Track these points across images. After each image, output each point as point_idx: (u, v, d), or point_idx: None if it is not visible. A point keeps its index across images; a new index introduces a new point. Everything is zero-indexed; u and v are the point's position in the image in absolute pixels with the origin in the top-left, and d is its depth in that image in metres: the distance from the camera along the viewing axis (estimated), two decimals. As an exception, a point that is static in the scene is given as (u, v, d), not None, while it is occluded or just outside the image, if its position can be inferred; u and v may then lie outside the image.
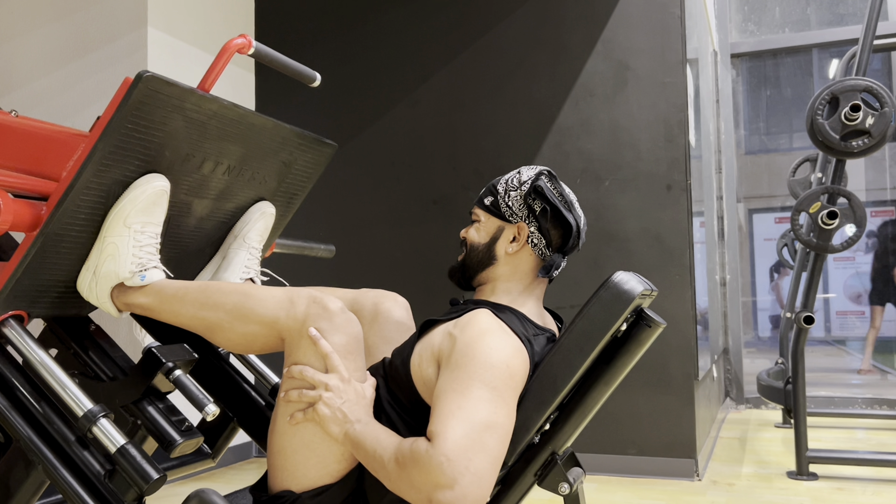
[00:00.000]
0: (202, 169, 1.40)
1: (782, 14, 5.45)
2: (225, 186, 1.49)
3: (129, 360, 1.47)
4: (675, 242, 2.99)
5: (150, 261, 1.33)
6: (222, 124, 1.37)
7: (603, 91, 3.15)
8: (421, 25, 3.46)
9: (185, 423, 1.35)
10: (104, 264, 1.30)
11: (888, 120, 2.94)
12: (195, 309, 1.30)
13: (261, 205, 1.60)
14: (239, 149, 1.44)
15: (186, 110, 1.28)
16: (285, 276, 3.56)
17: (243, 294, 1.29)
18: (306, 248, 2.03)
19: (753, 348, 6.56)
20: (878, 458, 2.97)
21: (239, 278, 1.56)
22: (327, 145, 1.66)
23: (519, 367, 1.18)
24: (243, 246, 1.57)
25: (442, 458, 1.06)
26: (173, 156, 1.33)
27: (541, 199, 1.35)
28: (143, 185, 1.29)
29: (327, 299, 1.23)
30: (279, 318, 1.23)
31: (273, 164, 1.56)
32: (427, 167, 3.40)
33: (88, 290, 1.34)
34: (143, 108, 1.21)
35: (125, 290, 1.33)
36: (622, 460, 3.01)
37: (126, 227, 1.29)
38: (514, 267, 1.36)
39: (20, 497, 1.26)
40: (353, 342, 1.23)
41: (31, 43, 3.12)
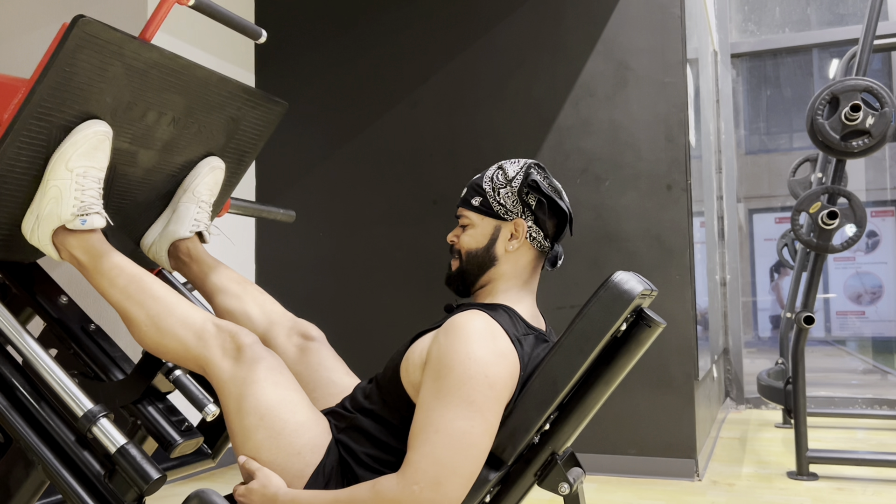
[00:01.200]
0: (145, 118, 1.41)
1: (782, 14, 5.45)
2: (171, 138, 1.49)
3: (129, 360, 1.47)
4: (675, 242, 2.99)
5: (93, 206, 1.34)
6: (164, 74, 1.37)
7: (603, 91, 3.15)
8: (421, 25, 3.46)
9: (185, 423, 1.35)
10: (46, 206, 1.32)
11: (888, 120, 2.94)
12: (121, 297, 1.32)
13: (210, 159, 1.61)
14: (183, 100, 1.45)
15: (126, 57, 1.29)
16: (286, 276, 3.57)
17: (167, 306, 1.31)
18: (264, 211, 2.01)
19: (753, 348, 6.56)
20: (878, 458, 2.97)
21: (189, 231, 1.58)
22: (277, 103, 1.65)
23: (501, 374, 1.17)
24: (192, 199, 1.59)
25: (414, 486, 1.11)
26: (115, 103, 1.34)
27: (536, 193, 1.34)
28: (84, 129, 1.31)
29: (240, 334, 1.28)
30: (191, 346, 1.29)
31: (220, 119, 1.56)
32: (427, 167, 3.40)
33: (31, 233, 1.35)
34: (80, 53, 1.22)
35: (66, 233, 1.34)
36: (622, 460, 3.01)
37: (68, 171, 1.31)
38: (515, 264, 1.36)
39: (20, 497, 1.26)
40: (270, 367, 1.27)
41: (31, 43, 3.12)
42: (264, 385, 1.24)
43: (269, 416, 1.22)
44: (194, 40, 3.19)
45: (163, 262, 1.61)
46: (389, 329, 3.36)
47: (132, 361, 1.47)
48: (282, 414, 1.23)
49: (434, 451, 1.12)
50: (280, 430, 1.22)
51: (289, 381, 1.28)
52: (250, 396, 1.23)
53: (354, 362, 1.66)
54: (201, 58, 3.21)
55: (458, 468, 1.12)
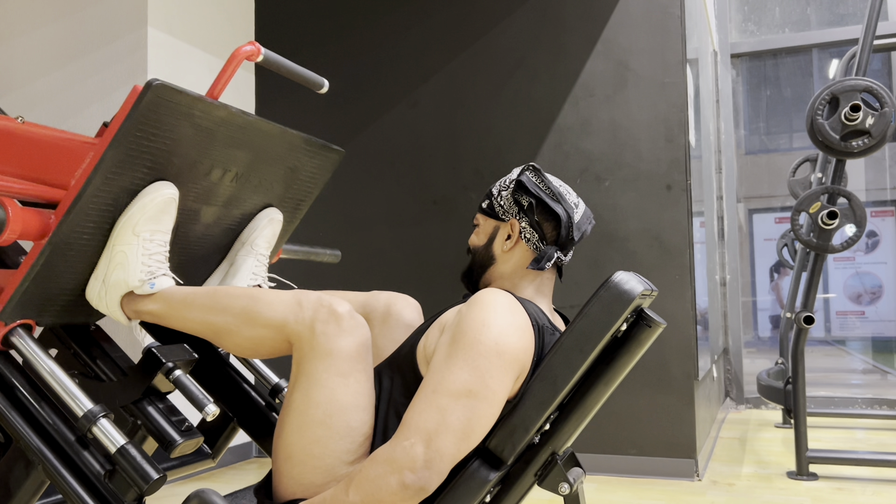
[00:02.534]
0: (210, 176, 1.40)
1: (782, 14, 5.45)
2: (232, 193, 1.48)
3: (129, 360, 1.47)
4: (675, 242, 2.99)
5: (160, 269, 1.33)
6: (230, 131, 1.37)
7: (603, 91, 3.15)
8: (421, 26, 3.46)
9: (185, 423, 1.35)
10: (113, 273, 1.30)
11: (888, 120, 2.94)
12: (203, 314, 1.30)
13: (268, 211, 1.60)
14: (246, 155, 1.44)
15: (195, 118, 1.28)
16: (288, 277, 3.56)
17: (251, 298, 1.28)
18: (312, 254, 2.04)
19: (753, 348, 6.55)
20: (878, 458, 2.97)
21: (247, 285, 1.55)
22: (334, 151, 1.65)
23: (513, 345, 1.17)
24: (251, 252, 1.57)
25: (405, 442, 1.11)
26: (181, 163, 1.32)
27: (526, 194, 1.36)
28: (151, 192, 1.29)
29: (335, 302, 1.22)
30: (287, 321, 1.23)
31: (280, 171, 1.55)
32: (427, 167, 3.40)
33: (98, 299, 1.33)
34: (152, 116, 1.21)
35: (135, 298, 1.33)
36: (622, 460, 3.01)
37: (135, 236, 1.29)
38: (512, 264, 1.38)
39: (20, 497, 1.26)
40: (360, 346, 1.23)
41: (31, 43, 3.12)
42: (344, 382, 1.20)
43: (337, 416, 1.19)
44: (194, 40, 3.19)
45: None
46: (389, 329, 3.36)
47: (132, 361, 1.47)
48: (350, 420, 1.20)
49: (428, 409, 1.13)
50: (343, 436, 1.19)
51: (367, 381, 1.23)
52: (326, 388, 1.19)
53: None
54: (202, 58, 3.21)
55: (451, 425, 1.11)
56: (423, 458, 1.10)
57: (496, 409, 1.17)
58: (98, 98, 2.98)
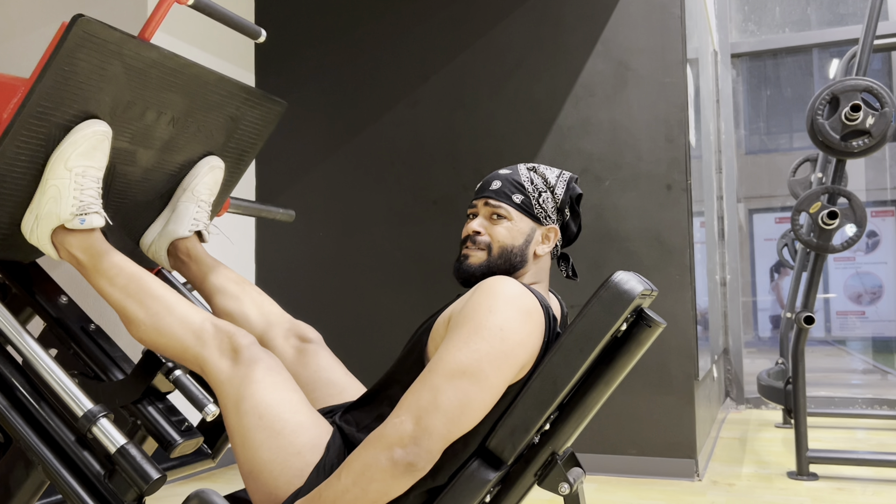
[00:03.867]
0: (145, 118, 1.41)
1: (782, 14, 5.45)
2: (170, 137, 1.49)
3: (129, 360, 1.47)
4: (675, 242, 2.99)
5: (92, 205, 1.34)
6: (163, 73, 1.37)
7: (603, 91, 3.15)
8: (421, 25, 3.46)
9: (185, 423, 1.35)
10: (46, 206, 1.33)
11: (888, 120, 2.94)
12: (120, 295, 1.33)
13: (209, 159, 1.61)
14: (182, 99, 1.45)
15: (125, 56, 1.29)
16: (286, 276, 3.57)
17: (166, 305, 1.32)
18: (263, 211, 2.01)
19: (753, 348, 6.56)
20: (878, 458, 2.97)
21: (188, 231, 1.58)
22: (276, 102, 1.65)
23: (518, 332, 1.17)
24: (192, 199, 1.59)
25: (396, 419, 1.12)
26: (114, 103, 1.34)
27: (575, 205, 1.39)
28: (83, 129, 1.31)
29: (238, 336, 1.28)
30: (189, 346, 1.29)
31: (220, 119, 1.56)
32: (427, 167, 3.40)
33: (31, 232, 1.36)
34: (79, 52, 1.22)
35: (65, 233, 1.35)
36: (622, 460, 3.01)
37: (67, 170, 1.31)
38: (538, 269, 1.38)
39: (20, 497, 1.26)
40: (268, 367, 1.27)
41: (31, 43, 3.12)
42: (262, 385, 1.24)
43: (268, 415, 1.22)
44: (194, 40, 3.19)
45: (162, 261, 1.61)
46: (389, 329, 3.36)
47: (132, 361, 1.47)
48: (281, 414, 1.23)
49: (422, 389, 1.13)
50: (280, 430, 1.22)
51: (286, 382, 1.28)
52: (248, 397, 1.23)
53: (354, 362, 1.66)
54: (201, 58, 3.21)
55: (442, 405, 1.11)
56: (411, 433, 1.10)
57: (491, 396, 1.15)
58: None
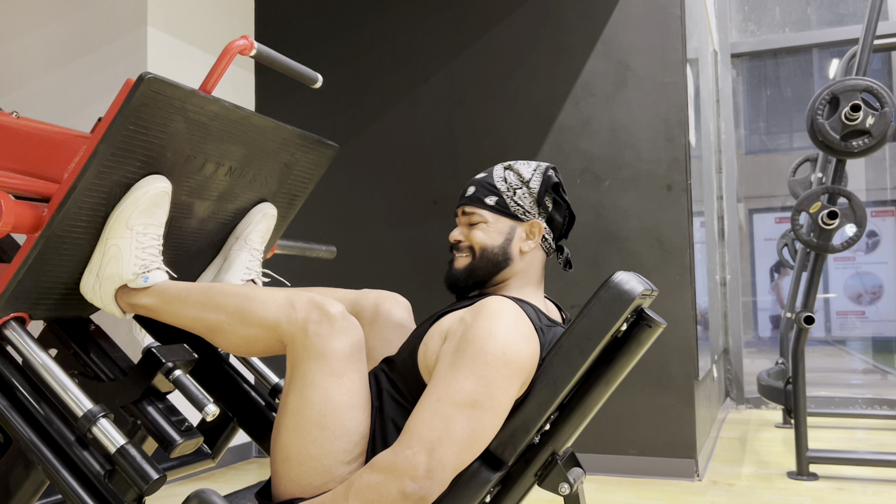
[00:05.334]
0: (203, 170, 1.40)
1: (782, 14, 5.45)
2: (226, 188, 1.48)
3: (129, 360, 1.47)
4: (675, 242, 2.99)
5: (153, 262, 1.33)
6: (224, 126, 1.36)
7: (603, 91, 3.15)
8: (421, 25, 3.46)
9: (185, 423, 1.35)
10: (107, 266, 1.30)
11: (888, 120, 2.94)
12: (197, 310, 1.30)
13: (262, 206, 1.60)
14: (240, 150, 1.44)
15: (188, 112, 1.28)
16: (286, 276, 3.56)
17: (244, 297, 1.29)
18: (307, 250, 2.03)
19: (753, 348, 6.56)
20: (878, 458, 2.97)
21: (240, 280, 1.56)
22: (328, 146, 1.66)
23: (520, 354, 1.17)
24: (245, 247, 1.57)
25: (408, 451, 1.10)
26: (175, 157, 1.32)
27: (556, 195, 1.37)
28: (144, 186, 1.29)
29: (328, 303, 1.22)
30: (280, 322, 1.23)
31: (274, 166, 1.55)
32: (427, 167, 3.40)
33: (92, 293, 1.34)
34: (144, 110, 1.21)
35: (129, 291, 1.33)
36: (622, 460, 3.01)
37: (128, 229, 1.29)
38: (528, 264, 1.38)
39: (20, 497, 1.26)
40: (353, 346, 1.22)
41: (31, 43, 3.12)
42: (338, 382, 1.20)
43: (332, 415, 1.19)
44: (195, 40, 3.19)
45: None
46: (389, 329, 3.35)
47: (132, 361, 1.46)
48: (346, 421, 1.19)
49: (432, 418, 1.12)
50: (338, 436, 1.19)
51: (361, 380, 1.23)
52: (320, 388, 1.19)
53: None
54: (201, 58, 3.21)
55: (455, 435, 1.11)
56: (425, 467, 1.09)
57: (500, 420, 1.16)
58: (98, 98, 2.98)
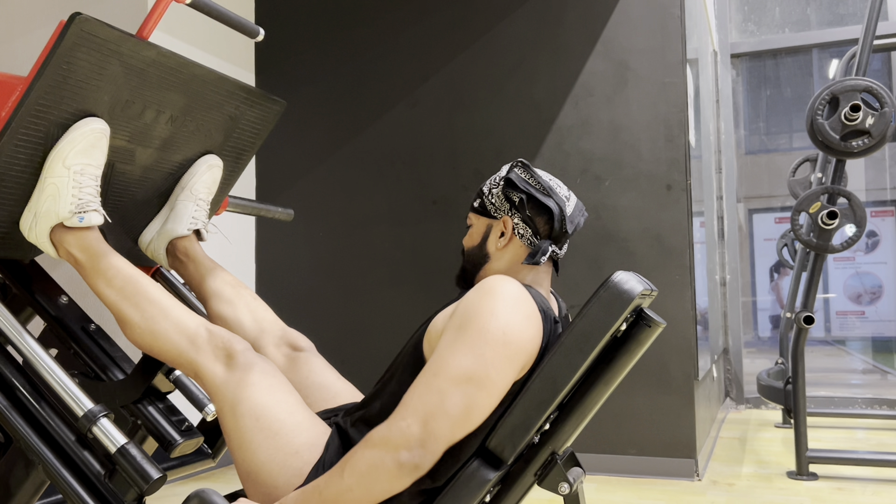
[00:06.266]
0: (143, 116, 1.41)
1: (782, 14, 5.45)
2: (169, 136, 1.49)
3: (129, 360, 1.47)
4: (675, 242, 2.99)
5: (90, 203, 1.34)
6: (162, 72, 1.37)
7: (603, 91, 3.15)
8: (421, 25, 3.46)
9: (185, 423, 1.35)
10: (44, 204, 1.33)
11: (888, 120, 2.94)
12: (117, 297, 1.33)
13: (207, 157, 1.61)
14: (181, 98, 1.45)
15: (123, 55, 1.29)
16: (286, 276, 3.57)
17: (162, 309, 1.32)
18: (262, 210, 2.01)
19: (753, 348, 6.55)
20: (878, 458, 2.97)
21: (186, 229, 1.58)
22: (275, 102, 1.66)
23: (521, 335, 1.17)
24: (190, 197, 1.59)
25: (402, 422, 1.11)
26: (113, 101, 1.34)
27: (516, 190, 1.35)
28: (81, 127, 1.31)
29: (233, 342, 1.29)
30: (184, 351, 1.29)
31: (219, 118, 1.56)
32: (427, 167, 3.40)
33: (29, 230, 1.36)
34: (77, 50, 1.22)
35: (64, 231, 1.35)
36: (622, 460, 3.01)
37: (65, 168, 1.31)
38: (506, 261, 1.37)
39: (20, 497, 1.26)
40: (263, 371, 1.28)
41: (31, 43, 3.12)
42: (258, 388, 1.25)
43: (264, 416, 1.23)
44: (194, 40, 3.19)
45: (161, 259, 1.61)
46: (388, 329, 3.36)
47: (132, 361, 1.47)
48: (278, 414, 1.23)
49: (428, 391, 1.13)
50: (277, 431, 1.22)
51: (282, 384, 1.28)
52: (244, 400, 1.24)
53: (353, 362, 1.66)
54: (201, 57, 3.21)
55: (449, 410, 1.12)
56: (418, 437, 1.10)
57: (496, 399, 1.17)
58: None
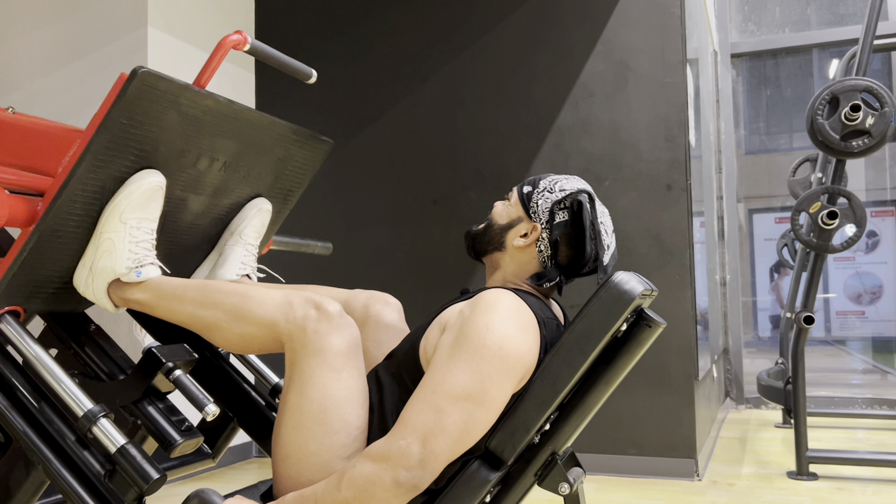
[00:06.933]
0: (198, 165, 1.41)
1: (782, 14, 5.45)
2: (220, 182, 1.49)
3: (129, 360, 1.47)
4: (675, 242, 2.99)
5: (147, 257, 1.33)
6: (217, 120, 1.37)
7: (603, 91, 3.15)
8: (421, 25, 3.46)
9: (185, 423, 1.35)
10: (100, 260, 1.31)
11: (888, 120, 2.94)
12: (193, 307, 1.30)
13: (257, 201, 1.60)
14: (234, 145, 1.45)
15: (181, 106, 1.28)
16: (284, 274, 3.56)
17: (241, 295, 1.29)
18: (303, 246, 2.03)
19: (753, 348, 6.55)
20: (878, 458, 2.97)
21: (236, 275, 1.56)
22: (323, 142, 1.66)
23: (517, 349, 1.17)
24: (240, 242, 1.58)
25: (401, 441, 1.11)
26: (168, 151, 1.33)
27: (568, 214, 1.33)
28: (138, 180, 1.29)
29: (325, 301, 1.23)
30: (277, 321, 1.24)
31: (269, 161, 1.56)
32: (427, 167, 3.40)
33: (85, 286, 1.34)
34: (138, 104, 1.22)
35: (122, 285, 1.33)
36: (622, 460, 3.01)
37: (122, 223, 1.29)
38: (520, 263, 1.37)
39: (20, 497, 1.26)
40: (351, 343, 1.23)
41: (31, 43, 3.12)
42: (336, 377, 1.21)
43: (332, 411, 1.19)
44: (195, 41, 3.19)
45: None
46: (389, 329, 3.35)
47: (132, 361, 1.47)
48: (346, 415, 1.20)
49: (426, 409, 1.13)
50: (338, 430, 1.20)
51: (359, 376, 1.24)
52: (319, 384, 1.20)
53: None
54: (201, 58, 3.21)
55: (447, 428, 1.11)
56: (418, 456, 1.10)
57: (494, 415, 1.17)
58: (98, 98, 2.98)
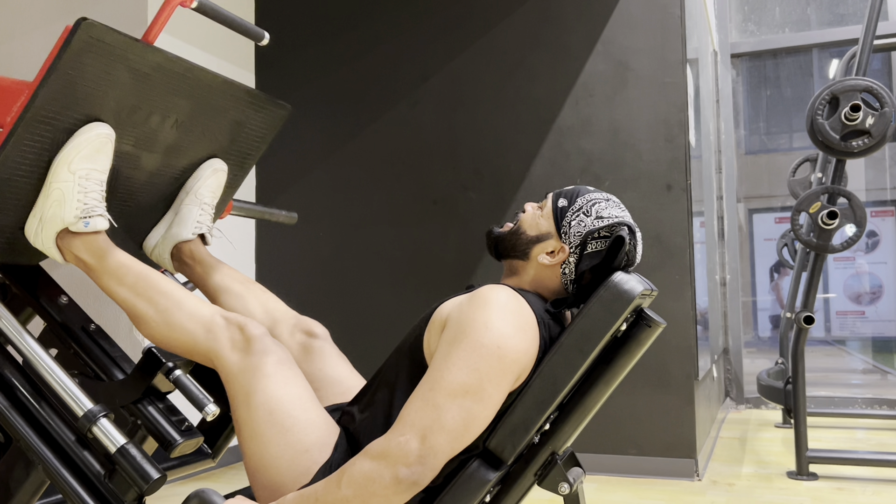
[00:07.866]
0: (149, 121, 1.41)
1: (782, 14, 5.45)
2: (174, 141, 1.49)
3: (129, 360, 1.47)
4: (675, 242, 2.99)
5: (96, 208, 1.34)
6: (168, 77, 1.37)
7: (603, 91, 3.15)
8: (421, 25, 3.46)
9: (185, 423, 1.35)
10: (50, 209, 1.33)
11: (888, 120, 2.94)
12: (128, 293, 1.34)
13: (212, 161, 1.61)
14: (187, 103, 1.45)
15: (130, 60, 1.29)
16: (286, 275, 3.56)
17: (175, 301, 1.33)
18: (266, 213, 2.01)
19: (753, 348, 6.55)
20: (878, 458, 2.97)
21: (191, 234, 1.59)
22: (280, 106, 1.66)
23: (515, 348, 1.17)
24: (195, 202, 1.60)
25: (401, 437, 1.12)
26: (118, 107, 1.33)
27: (603, 246, 1.29)
28: (86, 132, 1.31)
29: (249, 325, 1.29)
30: (201, 340, 1.30)
31: (224, 122, 1.56)
32: (427, 167, 3.40)
33: (35, 236, 1.36)
34: (83, 56, 1.22)
35: (70, 236, 1.35)
36: (622, 460, 3.01)
37: (70, 173, 1.31)
38: (540, 277, 1.34)
39: (20, 497, 1.26)
40: (281, 357, 1.28)
41: (31, 43, 3.12)
42: (273, 380, 1.25)
43: (278, 411, 1.22)
44: (194, 41, 3.19)
45: (165, 264, 1.62)
46: (389, 329, 3.36)
47: (132, 361, 1.47)
48: (291, 410, 1.23)
49: (425, 406, 1.13)
50: (290, 427, 1.22)
51: (297, 377, 1.28)
52: (259, 391, 1.24)
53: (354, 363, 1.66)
54: (201, 58, 3.21)
55: (446, 424, 1.12)
56: (417, 453, 1.10)
57: (491, 411, 1.17)
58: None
